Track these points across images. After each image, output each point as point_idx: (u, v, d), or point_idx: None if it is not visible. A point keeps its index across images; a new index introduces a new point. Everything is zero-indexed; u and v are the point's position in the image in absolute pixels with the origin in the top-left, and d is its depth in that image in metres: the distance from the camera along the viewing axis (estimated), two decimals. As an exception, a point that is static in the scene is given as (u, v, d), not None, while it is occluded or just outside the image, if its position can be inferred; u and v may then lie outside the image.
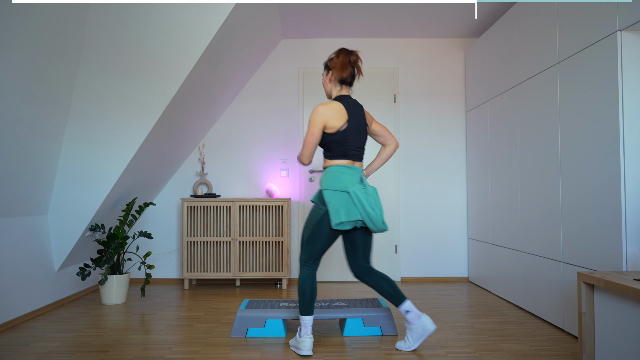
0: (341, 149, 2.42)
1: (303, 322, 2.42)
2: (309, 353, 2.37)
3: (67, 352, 2.48)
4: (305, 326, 2.41)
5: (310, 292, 2.41)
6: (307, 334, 2.39)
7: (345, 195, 2.34)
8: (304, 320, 2.42)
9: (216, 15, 3.03)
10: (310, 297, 2.41)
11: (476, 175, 4.26)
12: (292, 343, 2.52)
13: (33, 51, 2.57)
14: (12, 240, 3.01)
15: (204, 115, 4.16)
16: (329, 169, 2.43)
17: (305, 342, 2.37)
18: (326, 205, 2.36)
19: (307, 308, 2.42)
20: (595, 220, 2.49)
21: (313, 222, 2.41)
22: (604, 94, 2.42)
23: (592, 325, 2.19)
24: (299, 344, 2.41)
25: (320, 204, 2.40)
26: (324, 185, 2.41)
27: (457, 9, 3.91)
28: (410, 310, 2.42)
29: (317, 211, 2.40)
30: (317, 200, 2.43)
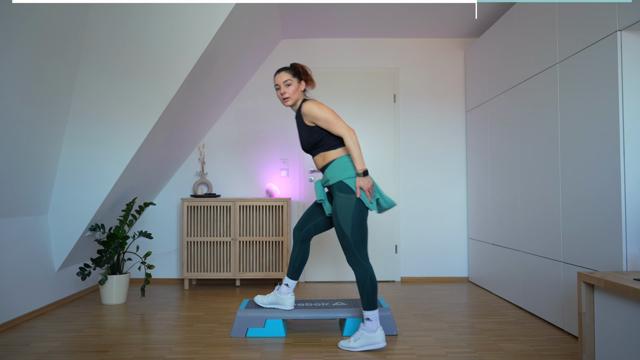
0: (335, 138, 2.53)
1: (372, 316, 2.47)
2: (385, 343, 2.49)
3: (67, 352, 2.48)
4: (376, 320, 2.48)
5: (375, 286, 2.48)
6: (379, 327, 2.50)
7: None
8: (373, 314, 2.47)
9: (216, 15, 3.03)
10: (375, 290, 2.49)
11: (476, 175, 4.26)
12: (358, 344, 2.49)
13: (33, 51, 2.57)
14: (12, 240, 3.01)
15: (204, 115, 4.16)
16: (340, 160, 2.50)
17: (381, 334, 2.49)
18: (354, 192, 2.44)
19: (374, 302, 2.48)
20: (595, 220, 2.49)
21: (353, 212, 2.44)
22: (604, 93, 2.42)
23: (592, 325, 2.19)
24: (373, 339, 2.47)
25: (346, 194, 2.45)
26: (344, 175, 2.46)
27: (457, 9, 3.91)
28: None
29: (349, 202, 2.45)
30: (340, 192, 2.46)
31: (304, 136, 2.58)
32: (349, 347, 2.51)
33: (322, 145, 2.54)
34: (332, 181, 2.50)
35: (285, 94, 2.59)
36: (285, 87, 2.59)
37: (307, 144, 2.58)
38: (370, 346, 2.49)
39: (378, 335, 2.48)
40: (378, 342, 2.48)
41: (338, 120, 2.47)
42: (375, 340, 2.48)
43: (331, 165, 2.51)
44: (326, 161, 2.55)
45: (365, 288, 2.46)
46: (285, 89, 2.58)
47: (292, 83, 2.58)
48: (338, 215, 2.47)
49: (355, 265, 2.48)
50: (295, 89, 2.59)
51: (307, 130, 2.55)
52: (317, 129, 2.52)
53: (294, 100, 2.61)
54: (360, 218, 2.45)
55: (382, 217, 4.49)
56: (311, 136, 2.54)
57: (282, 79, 2.59)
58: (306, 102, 2.55)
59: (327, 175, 2.53)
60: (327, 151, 2.54)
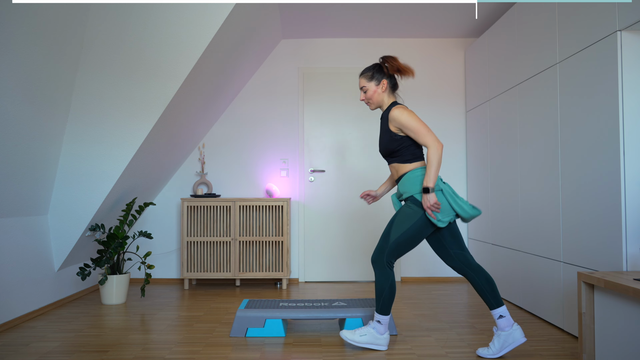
0: (418, 151, 2.47)
1: (384, 320, 2.47)
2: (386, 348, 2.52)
3: (67, 352, 2.48)
4: (386, 324, 2.49)
5: (394, 293, 2.46)
6: (387, 331, 2.51)
7: (439, 195, 2.37)
8: (385, 319, 2.48)
9: (216, 15, 3.03)
10: (393, 297, 2.46)
11: (476, 175, 4.26)
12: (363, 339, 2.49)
13: (33, 51, 2.57)
14: (12, 240, 3.01)
15: (204, 115, 4.16)
16: (412, 173, 2.42)
17: (387, 339, 2.50)
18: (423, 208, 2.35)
19: (389, 308, 2.47)
20: (595, 220, 2.49)
21: (412, 226, 2.37)
22: (604, 93, 2.42)
23: (592, 325, 2.19)
24: (378, 340, 2.48)
25: (415, 206, 2.38)
26: (415, 190, 2.39)
27: (457, 9, 3.91)
28: (504, 316, 2.37)
29: (414, 215, 2.37)
30: (411, 203, 2.40)
31: (384, 141, 2.50)
32: (352, 339, 2.49)
33: (398, 155, 2.46)
34: (405, 195, 2.45)
35: (364, 100, 2.57)
36: (363, 93, 2.56)
37: (385, 150, 2.51)
38: (374, 346, 2.49)
39: (384, 339, 2.49)
40: (382, 344, 2.49)
41: (428, 131, 2.37)
42: (381, 342, 2.49)
43: (403, 179, 2.45)
44: (399, 173, 2.49)
45: (384, 293, 2.43)
46: (364, 95, 2.56)
47: (369, 88, 2.53)
48: (396, 219, 2.43)
49: (378, 266, 2.43)
50: (374, 92, 2.52)
51: (388, 136, 2.47)
52: (398, 137, 2.44)
53: (376, 103, 2.55)
54: (415, 234, 2.38)
55: (382, 217, 4.49)
56: (391, 143, 2.46)
57: (360, 86, 2.57)
58: (396, 107, 2.45)
59: (400, 189, 2.48)
60: (401, 164, 2.47)
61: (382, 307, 2.45)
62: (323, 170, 4.53)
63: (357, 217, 4.51)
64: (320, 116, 4.55)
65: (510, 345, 2.35)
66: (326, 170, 4.53)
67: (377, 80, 2.51)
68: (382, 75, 2.51)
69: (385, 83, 2.51)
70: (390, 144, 2.46)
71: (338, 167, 4.53)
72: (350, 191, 4.51)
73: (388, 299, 2.44)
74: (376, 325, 2.49)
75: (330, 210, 4.52)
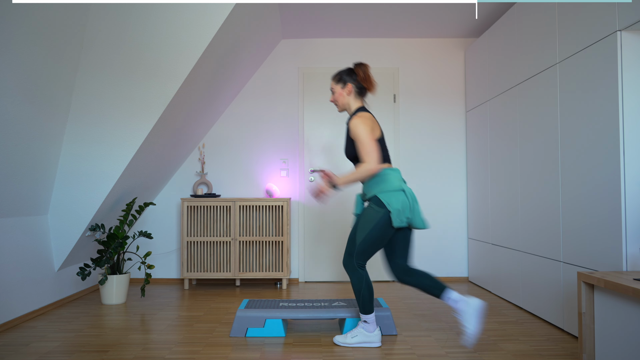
0: (382, 155, 2.53)
1: (370, 319, 2.53)
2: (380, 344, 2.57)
3: (67, 352, 2.48)
4: (373, 322, 2.55)
5: (372, 291, 2.51)
6: (376, 327, 2.57)
7: (401, 194, 2.43)
8: (370, 317, 2.53)
9: (216, 15, 3.03)
10: (372, 295, 2.51)
11: (476, 175, 4.26)
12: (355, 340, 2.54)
13: (33, 51, 2.57)
14: (12, 240, 3.01)
15: (204, 115, 4.16)
16: (377, 175, 2.48)
17: (379, 334, 2.56)
18: (385, 207, 2.41)
19: (371, 306, 2.52)
20: (595, 220, 2.49)
21: (375, 226, 2.43)
22: (604, 93, 2.42)
23: (592, 325, 2.19)
24: (370, 337, 2.53)
25: (377, 207, 2.43)
26: (377, 189, 2.45)
27: (457, 9, 3.91)
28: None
29: (376, 215, 2.43)
30: (373, 204, 2.45)
31: (348, 146, 2.57)
32: (345, 343, 2.55)
33: (360, 160, 2.52)
34: (367, 195, 2.52)
35: (332, 102, 2.67)
36: (332, 94, 2.66)
37: (349, 154, 2.58)
38: (367, 344, 2.54)
39: (375, 335, 2.56)
40: (374, 341, 2.55)
41: (372, 150, 2.42)
42: (372, 339, 2.54)
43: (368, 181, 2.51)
44: None
45: (362, 293, 2.49)
46: (332, 97, 2.66)
47: (335, 89, 2.63)
48: (360, 221, 2.49)
49: (349, 269, 2.51)
50: (339, 95, 2.62)
51: (351, 143, 2.54)
52: None
53: (342, 106, 2.64)
54: (379, 234, 2.43)
55: (382, 217, 4.48)
56: (353, 149, 2.54)
57: (330, 87, 2.65)
58: (356, 116, 2.51)
59: (365, 189, 2.55)
60: None
61: (363, 306, 2.51)
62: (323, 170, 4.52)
63: (357, 217, 4.51)
64: (320, 116, 4.55)
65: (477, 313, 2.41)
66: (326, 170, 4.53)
67: (343, 83, 2.60)
68: (350, 79, 2.59)
69: (350, 87, 2.59)
70: (353, 149, 2.54)
71: (338, 167, 4.53)
72: (350, 191, 4.51)
73: (367, 298, 2.50)
74: (364, 324, 2.55)
75: (330, 210, 4.52)
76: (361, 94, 2.62)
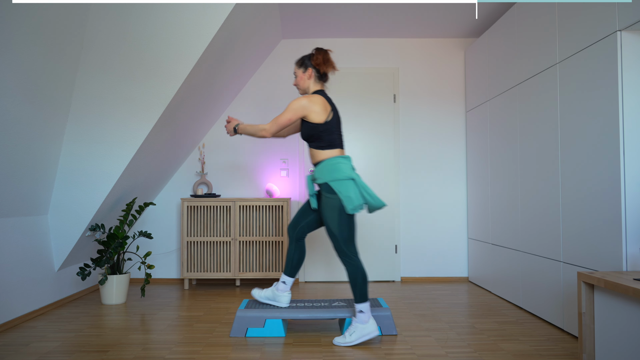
0: (330, 138, 2.61)
1: (365, 307, 2.56)
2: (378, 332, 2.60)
3: (67, 352, 2.48)
4: (368, 310, 2.58)
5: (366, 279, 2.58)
6: (370, 316, 2.59)
7: (351, 183, 2.54)
8: (366, 306, 2.56)
9: (216, 15, 3.03)
10: (366, 283, 2.58)
11: (476, 175, 4.26)
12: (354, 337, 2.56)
13: (33, 51, 2.57)
14: (12, 240, 3.01)
15: (204, 115, 4.16)
16: (329, 161, 2.59)
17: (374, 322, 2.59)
18: (337, 194, 2.53)
19: (366, 294, 2.57)
20: (595, 220, 2.49)
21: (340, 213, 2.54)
22: (604, 94, 2.42)
23: (592, 325, 2.19)
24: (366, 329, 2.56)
25: (331, 194, 2.55)
26: (329, 177, 2.56)
27: (457, 9, 3.91)
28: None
29: (334, 203, 2.54)
30: (326, 193, 2.57)
31: (302, 128, 2.68)
32: (345, 342, 2.56)
33: (314, 141, 2.63)
34: (319, 181, 2.62)
35: (295, 85, 2.78)
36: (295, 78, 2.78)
37: (304, 135, 2.69)
38: (366, 337, 2.55)
39: (371, 325, 2.57)
40: (372, 331, 2.57)
41: (278, 118, 2.62)
42: (369, 330, 2.57)
43: (321, 165, 2.61)
44: (316, 160, 2.65)
45: (358, 283, 2.55)
46: (294, 80, 2.77)
47: (297, 73, 2.74)
48: (326, 214, 2.58)
49: (346, 261, 2.58)
50: (300, 78, 2.73)
51: (305, 124, 2.66)
52: (312, 124, 2.60)
53: (302, 89, 2.75)
54: (347, 216, 2.54)
55: (382, 217, 4.49)
56: (307, 130, 2.64)
57: (293, 71, 2.78)
58: (305, 96, 2.63)
59: (316, 174, 2.64)
60: (317, 150, 2.63)
61: (360, 295, 2.56)
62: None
63: (356, 217, 4.50)
64: (320, 116, 4.54)
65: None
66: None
67: (304, 68, 2.71)
68: (310, 63, 2.70)
69: (310, 71, 2.70)
70: (307, 130, 2.64)
71: (338, 167, 4.53)
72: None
73: (363, 286, 2.56)
74: (359, 316, 2.57)
75: (330, 210, 4.51)
76: (321, 78, 2.72)
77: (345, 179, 2.53)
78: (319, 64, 2.67)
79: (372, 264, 4.48)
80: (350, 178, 2.54)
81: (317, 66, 2.67)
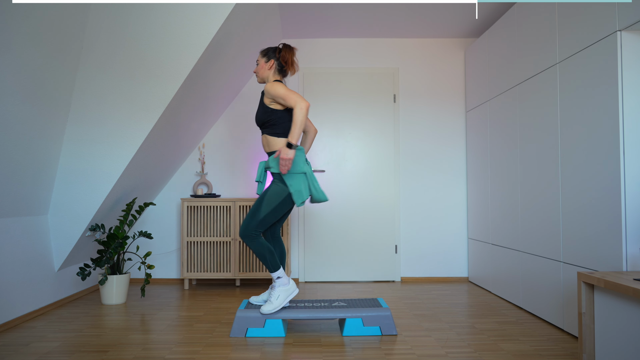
0: (285, 126, 2.71)
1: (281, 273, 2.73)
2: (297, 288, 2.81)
3: (67, 352, 2.48)
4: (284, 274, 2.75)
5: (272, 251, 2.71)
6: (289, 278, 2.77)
7: (303, 177, 2.69)
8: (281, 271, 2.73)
9: (216, 15, 3.03)
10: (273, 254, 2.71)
11: (476, 175, 4.26)
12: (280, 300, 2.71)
13: (33, 51, 2.57)
14: (12, 240, 3.01)
15: (204, 115, 4.16)
16: None
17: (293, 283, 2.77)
18: (287, 186, 2.66)
19: (277, 262, 2.73)
20: (595, 220, 2.49)
21: (280, 202, 2.67)
22: (604, 94, 2.42)
23: (592, 325, 2.19)
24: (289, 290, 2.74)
25: (282, 184, 2.67)
26: None
27: (457, 9, 3.91)
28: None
29: (282, 192, 2.67)
30: (278, 181, 2.69)
31: (259, 112, 2.78)
32: (274, 307, 2.70)
33: (269, 126, 2.72)
34: (273, 170, 2.72)
35: (255, 72, 2.89)
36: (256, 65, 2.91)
37: (258, 120, 2.77)
38: (290, 296, 2.74)
39: (292, 285, 2.76)
40: (293, 289, 2.76)
41: (294, 93, 2.64)
42: (291, 289, 2.75)
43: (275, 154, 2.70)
44: (270, 148, 2.75)
45: (266, 257, 2.68)
46: (255, 67, 2.87)
47: (260, 62, 2.84)
48: (266, 195, 2.68)
49: (250, 240, 2.66)
50: (261, 67, 2.83)
51: (262, 108, 2.74)
52: (269, 109, 2.70)
53: (261, 77, 2.85)
54: (282, 209, 2.69)
55: (382, 217, 4.49)
56: (264, 115, 2.73)
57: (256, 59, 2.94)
58: (271, 82, 2.72)
59: (271, 163, 2.74)
60: (271, 136, 2.73)
61: (272, 266, 2.71)
62: (323, 170, 4.52)
63: (357, 217, 4.51)
64: (320, 116, 4.55)
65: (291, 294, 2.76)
66: (326, 170, 4.53)
67: (267, 58, 2.82)
68: (274, 57, 2.81)
69: (272, 63, 2.81)
70: (263, 115, 2.73)
71: (338, 167, 4.53)
72: (350, 191, 4.51)
73: (272, 258, 2.70)
74: (278, 281, 2.73)
75: (330, 210, 4.52)
76: (282, 72, 2.83)
77: (298, 172, 2.66)
78: (286, 62, 2.79)
79: (372, 264, 4.48)
80: (303, 172, 2.67)
81: (284, 63, 2.79)
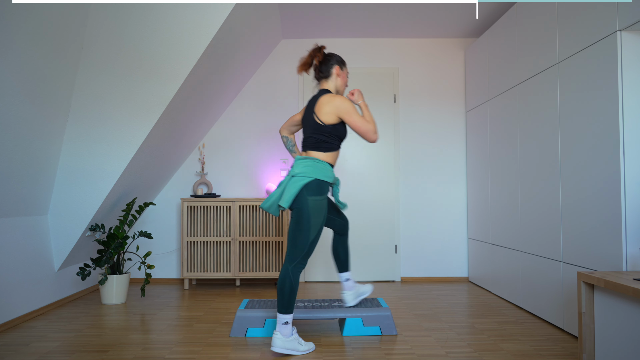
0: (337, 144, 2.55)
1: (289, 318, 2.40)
2: None
3: (67, 352, 2.48)
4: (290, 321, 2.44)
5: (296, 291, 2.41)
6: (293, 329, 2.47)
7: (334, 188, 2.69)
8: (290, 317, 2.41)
9: (216, 15, 3.03)
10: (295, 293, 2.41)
11: (476, 175, 4.26)
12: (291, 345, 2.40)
13: (33, 51, 2.57)
14: (12, 240, 3.01)
15: (204, 115, 4.16)
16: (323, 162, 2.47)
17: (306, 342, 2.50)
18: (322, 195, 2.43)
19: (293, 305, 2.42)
20: (595, 220, 2.49)
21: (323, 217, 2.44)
22: (604, 94, 2.42)
23: (592, 325, 2.19)
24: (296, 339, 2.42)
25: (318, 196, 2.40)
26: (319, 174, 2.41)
27: (457, 9, 3.91)
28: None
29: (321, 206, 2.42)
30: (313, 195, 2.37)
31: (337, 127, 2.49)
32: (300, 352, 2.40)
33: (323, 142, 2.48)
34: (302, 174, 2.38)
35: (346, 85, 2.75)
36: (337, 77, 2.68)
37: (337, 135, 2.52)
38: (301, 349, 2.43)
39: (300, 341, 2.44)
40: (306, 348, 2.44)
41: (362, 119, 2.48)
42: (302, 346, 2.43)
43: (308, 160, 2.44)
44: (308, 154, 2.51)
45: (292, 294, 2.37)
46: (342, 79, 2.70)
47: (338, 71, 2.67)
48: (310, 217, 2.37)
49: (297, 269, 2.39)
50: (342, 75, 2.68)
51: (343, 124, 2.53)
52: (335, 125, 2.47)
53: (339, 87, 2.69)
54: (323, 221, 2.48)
55: (382, 217, 4.49)
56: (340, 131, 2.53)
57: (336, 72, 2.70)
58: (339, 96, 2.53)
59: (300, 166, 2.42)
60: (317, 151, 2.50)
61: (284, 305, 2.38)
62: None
63: (357, 217, 4.50)
64: (320, 116, 4.54)
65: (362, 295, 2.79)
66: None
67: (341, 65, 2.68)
68: None
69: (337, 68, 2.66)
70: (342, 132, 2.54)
71: (338, 167, 4.53)
72: (350, 191, 4.51)
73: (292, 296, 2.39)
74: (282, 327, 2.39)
75: (330, 210, 4.51)
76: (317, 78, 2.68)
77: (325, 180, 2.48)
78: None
79: (372, 264, 4.48)
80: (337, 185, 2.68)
81: None
